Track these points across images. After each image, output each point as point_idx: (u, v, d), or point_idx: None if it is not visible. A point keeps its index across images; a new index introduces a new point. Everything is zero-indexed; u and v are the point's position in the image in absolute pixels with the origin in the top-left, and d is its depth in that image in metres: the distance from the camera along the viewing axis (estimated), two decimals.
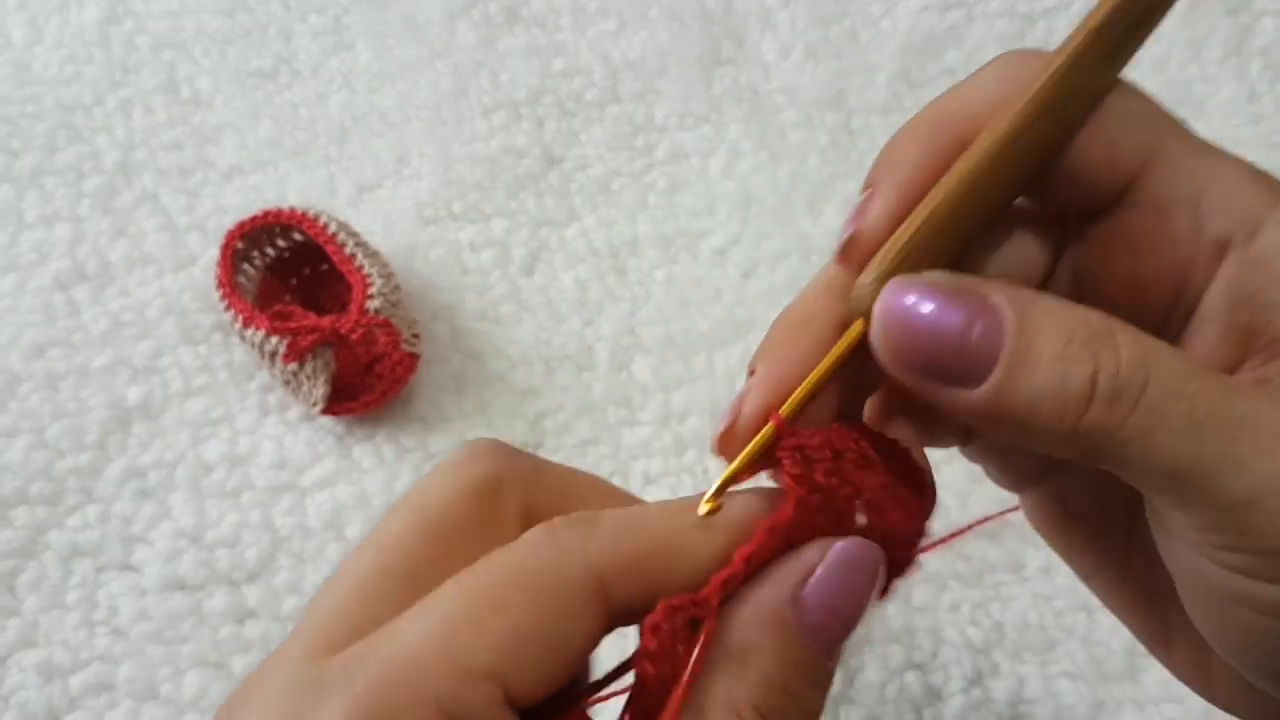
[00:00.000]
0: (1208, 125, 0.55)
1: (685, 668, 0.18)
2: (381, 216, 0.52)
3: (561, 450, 0.46)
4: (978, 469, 0.46)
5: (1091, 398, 0.18)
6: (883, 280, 0.20)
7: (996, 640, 0.42)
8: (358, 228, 0.49)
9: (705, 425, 0.46)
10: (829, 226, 0.52)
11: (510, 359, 0.48)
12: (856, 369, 0.21)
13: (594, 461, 0.45)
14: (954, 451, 0.26)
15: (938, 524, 0.30)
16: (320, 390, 0.43)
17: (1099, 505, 0.25)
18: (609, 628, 0.19)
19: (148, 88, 0.54)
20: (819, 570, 0.19)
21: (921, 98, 0.55)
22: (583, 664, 0.19)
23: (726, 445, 0.21)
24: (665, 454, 0.46)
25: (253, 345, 0.44)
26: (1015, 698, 0.41)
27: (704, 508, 0.20)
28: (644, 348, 0.48)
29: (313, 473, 0.44)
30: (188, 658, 0.40)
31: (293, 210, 0.47)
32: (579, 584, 0.18)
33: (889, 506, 0.21)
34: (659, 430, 0.46)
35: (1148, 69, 0.56)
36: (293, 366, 0.43)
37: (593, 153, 0.54)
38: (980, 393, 0.18)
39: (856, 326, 0.21)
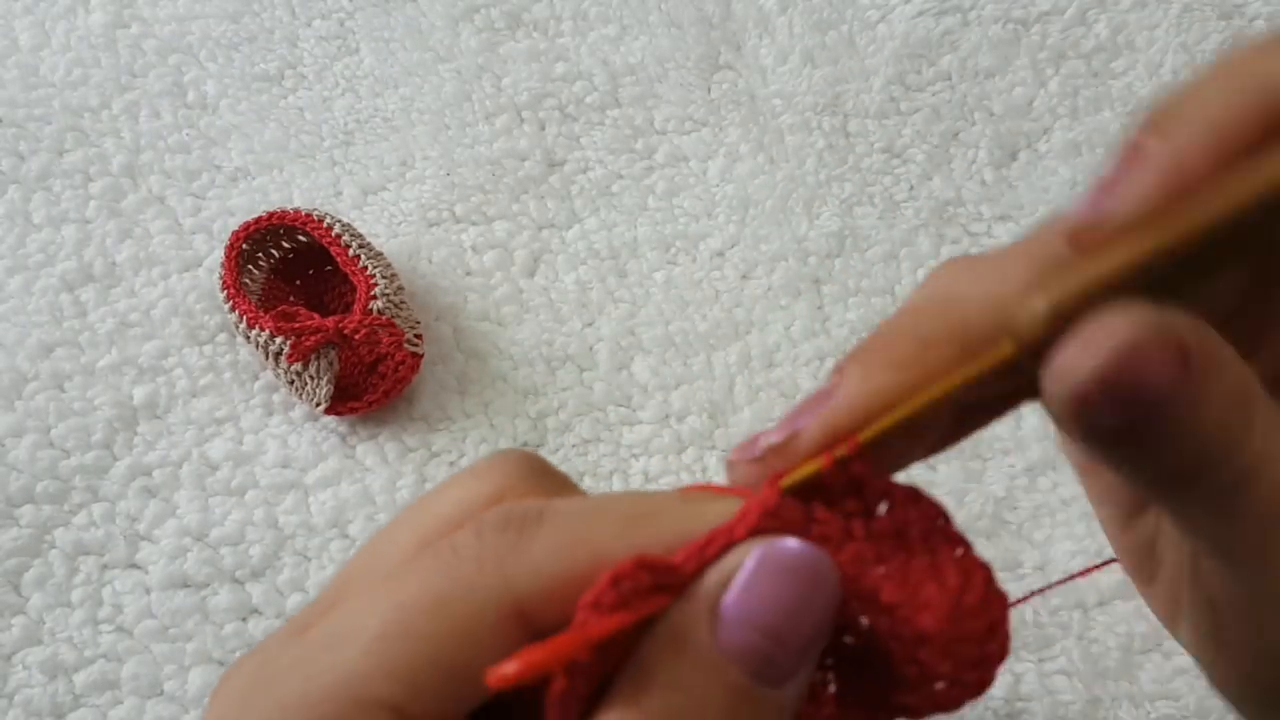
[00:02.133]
0: None
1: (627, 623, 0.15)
2: (385, 219, 0.52)
3: (563, 449, 0.46)
4: (975, 466, 0.46)
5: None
6: (1088, 301, 0.15)
7: None
8: (362, 230, 0.50)
9: (704, 424, 0.47)
10: (825, 229, 0.52)
11: (512, 359, 0.48)
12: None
13: (594, 460, 0.46)
14: (949, 450, 0.26)
15: None
16: (324, 390, 0.44)
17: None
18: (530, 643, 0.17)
19: (154, 91, 0.55)
20: (742, 576, 0.16)
21: (917, 102, 0.56)
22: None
23: (774, 466, 0.17)
24: (665, 452, 0.46)
25: (257, 345, 0.45)
26: (1012, 694, 0.41)
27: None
28: (644, 348, 0.49)
29: (316, 471, 0.45)
30: (192, 655, 0.40)
31: (297, 212, 0.48)
32: (493, 611, 0.16)
33: (901, 589, 0.17)
34: (658, 429, 0.47)
35: (1142, 72, 0.57)
36: (297, 366, 0.44)
37: (593, 156, 0.54)
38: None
39: (1006, 347, 0.16)
